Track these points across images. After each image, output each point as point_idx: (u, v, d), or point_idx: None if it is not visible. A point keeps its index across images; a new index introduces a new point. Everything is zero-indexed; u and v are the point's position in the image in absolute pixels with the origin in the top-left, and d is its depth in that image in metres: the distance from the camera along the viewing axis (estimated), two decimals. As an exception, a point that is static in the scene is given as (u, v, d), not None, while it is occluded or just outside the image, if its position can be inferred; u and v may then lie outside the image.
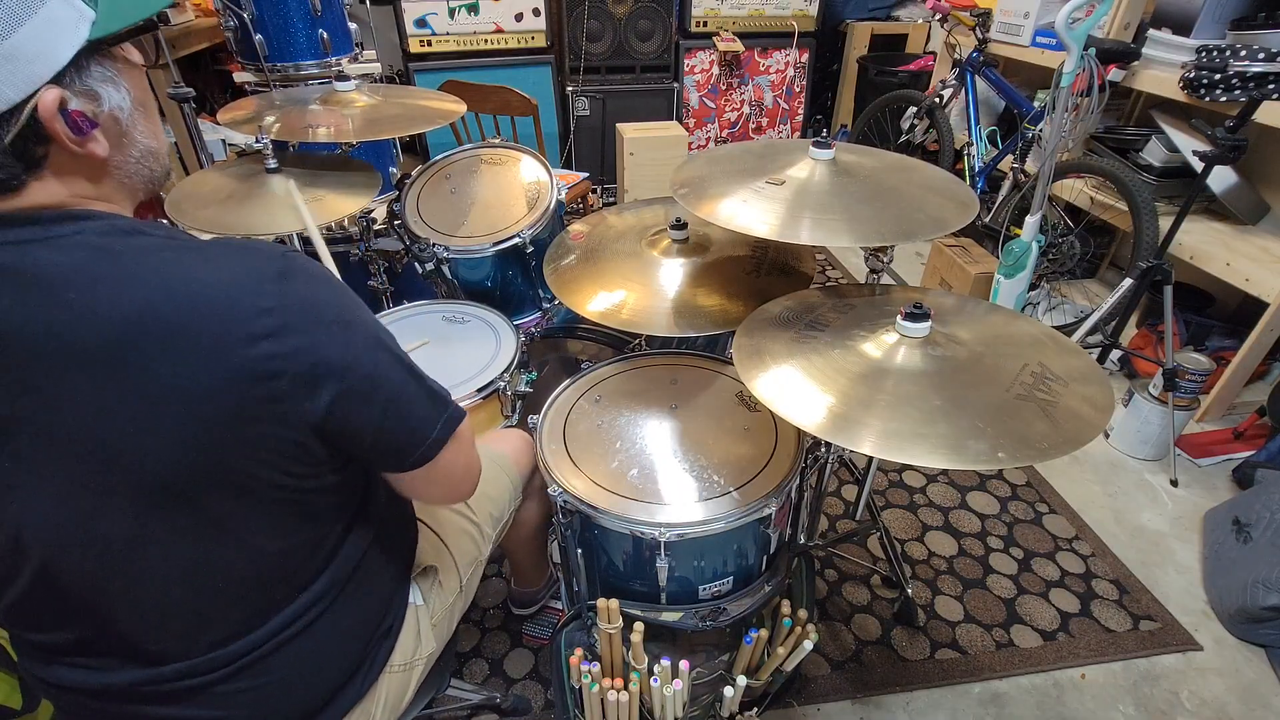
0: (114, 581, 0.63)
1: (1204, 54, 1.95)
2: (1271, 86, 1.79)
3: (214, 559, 0.64)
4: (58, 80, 0.54)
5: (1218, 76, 1.88)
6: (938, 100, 2.87)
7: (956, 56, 2.82)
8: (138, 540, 0.61)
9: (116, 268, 0.55)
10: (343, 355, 0.62)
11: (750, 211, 1.06)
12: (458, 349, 1.41)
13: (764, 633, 1.05)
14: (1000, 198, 2.59)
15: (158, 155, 0.65)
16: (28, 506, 0.58)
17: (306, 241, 1.85)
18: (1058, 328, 1.96)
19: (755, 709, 1.13)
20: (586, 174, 2.71)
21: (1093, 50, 1.87)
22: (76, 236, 0.56)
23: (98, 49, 0.57)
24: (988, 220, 2.60)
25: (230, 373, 0.56)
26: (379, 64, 2.62)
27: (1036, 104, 2.49)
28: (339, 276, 0.91)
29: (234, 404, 0.57)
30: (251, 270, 0.58)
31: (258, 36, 2.19)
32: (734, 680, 1.03)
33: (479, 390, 1.29)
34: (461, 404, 1.31)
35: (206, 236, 1.00)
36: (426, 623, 0.90)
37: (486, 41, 3.14)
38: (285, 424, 0.60)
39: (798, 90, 3.70)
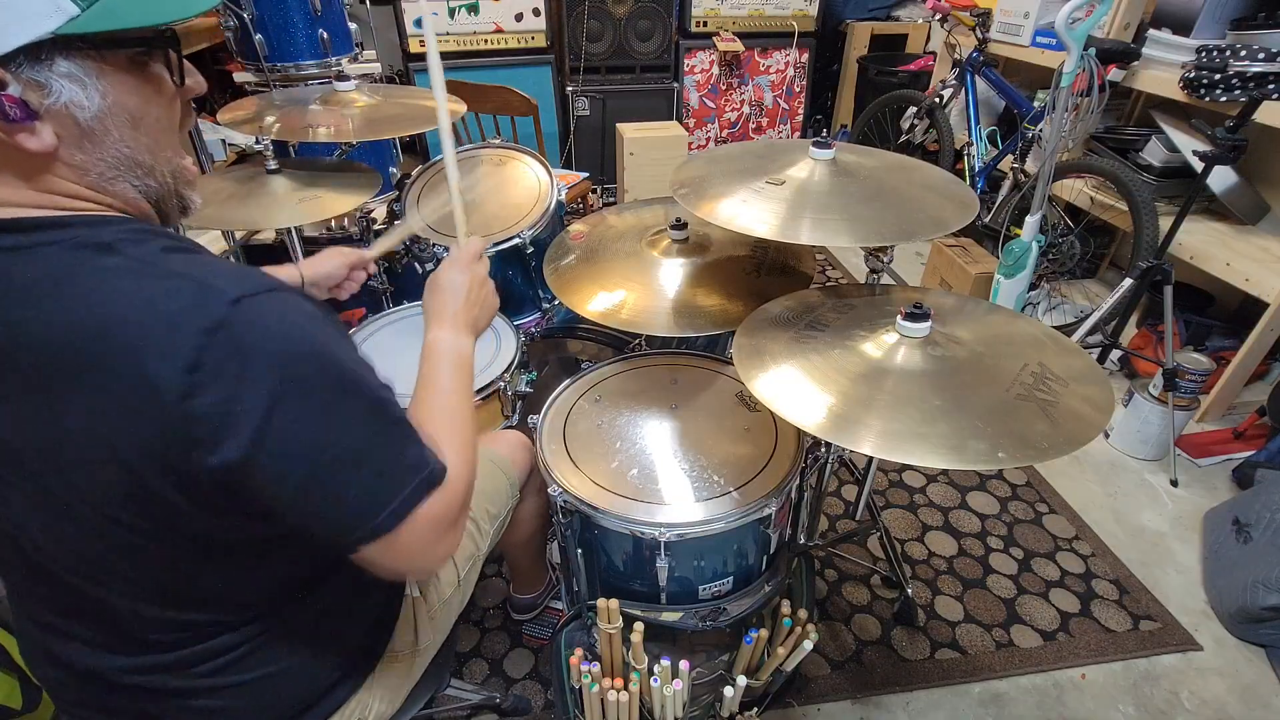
0: (93, 577, 0.64)
1: (1204, 54, 1.95)
2: (1271, 86, 1.79)
3: (181, 575, 0.64)
4: (3, 63, 0.51)
5: (1218, 76, 1.88)
6: (938, 100, 2.87)
7: (956, 56, 2.82)
8: (104, 550, 0.61)
9: (68, 290, 0.54)
10: (264, 425, 0.54)
11: (750, 212, 1.06)
12: (458, 349, 1.41)
13: (764, 633, 1.05)
14: (1000, 198, 2.59)
15: (151, 170, 0.62)
16: (5, 505, 0.60)
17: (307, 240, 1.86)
18: (1058, 328, 1.96)
19: (755, 709, 1.13)
20: (586, 174, 2.71)
21: (1093, 50, 1.87)
22: (47, 248, 0.55)
23: (73, 45, 0.54)
24: (988, 220, 2.60)
25: (139, 417, 0.53)
26: (379, 64, 2.62)
27: (1036, 104, 2.49)
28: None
29: (144, 448, 0.55)
30: (192, 314, 0.53)
31: (258, 36, 2.19)
32: (734, 680, 1.03)
33: (479, 390, 1.29)
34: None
35: (207, 237, 1.00)
36: (424, 615, 0.90)
37: (486, 41, 3.14)
38: (197, 479, 0.56)
39: (798, 90, 3.70)
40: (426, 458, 0.65)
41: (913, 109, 2.98)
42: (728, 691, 1.03)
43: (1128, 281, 1.91)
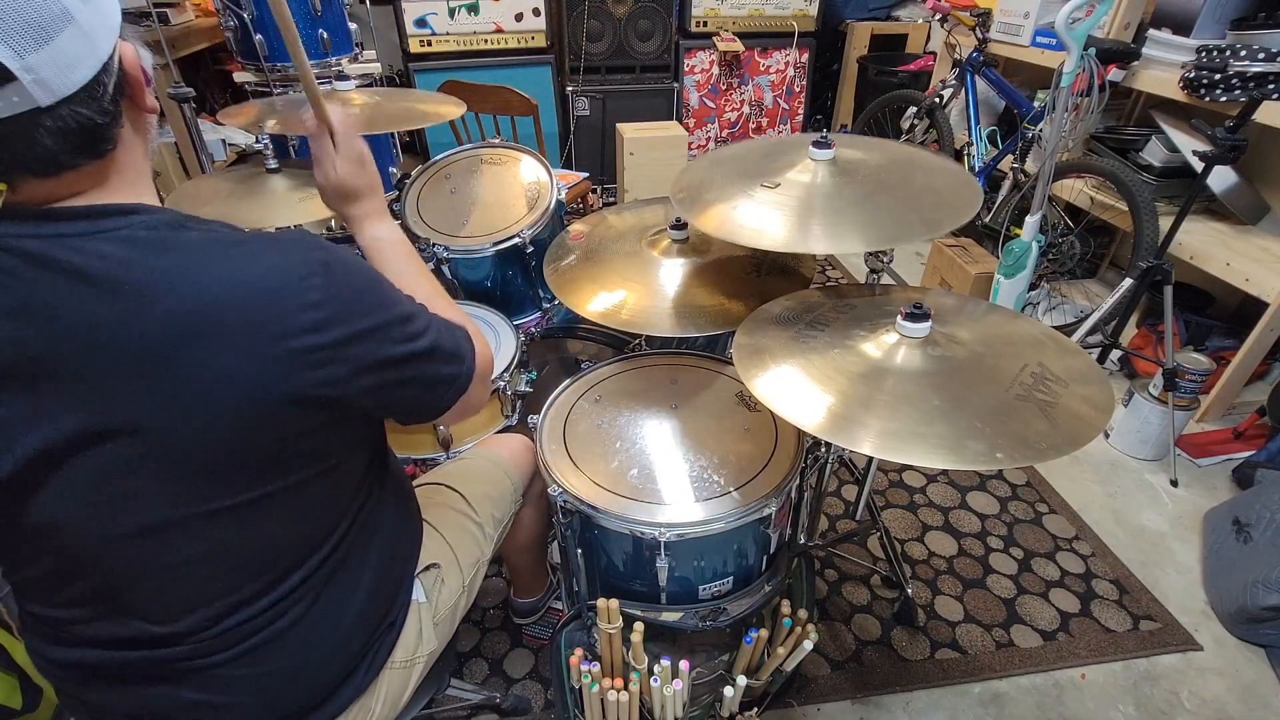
0: (135, 563, 0.64)
1: (1204, 54, 1.95)
2: (1271, 86, 1.79)
3: (234, 541, 0.65)
4: (120, 34, 0.58)
5: (1218, 76, 1.88)
6: (938, 100, 2.87)
7: (956, 56, 2.82)
8: (167, 525, 0.62)
9: (166, 262, 0.57)
10: (381, 342, 0.66)
11: (758, 222, 1.06)
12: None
13: (764, 633, 1.05)
14: (1000, 198, 2.59)
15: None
16: (63, 492, 0.59)
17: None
18: (1058, 328, 1.96)
19: (755, 709, 1.13)
20: (586, 174, 2.71)
21: (1093, 50, 1.87)
22: (125, 230, 0.57)
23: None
24: (988, 220, 2.61)
25: (281, 362, 0.59)
26: (379, 64, 2.62)
27: (1036, 104, 2.49)
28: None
29: (282, 391, 0.59)
30: (297, 264, 0.61)
31: (258, 36, 2.19)
32: (734, 680, 1.03)
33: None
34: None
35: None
36: (429, 620, 0.91)
37: (486, 41, 3.14)
38: (329, 406, 0.63)
39: (798, 90, 3.70)
40: (461, 335, 0.78)
41: (913, 109, 2.98)
42: (728, 691, 1.03)
43: (1128, 281, 1.91)
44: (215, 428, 0.59)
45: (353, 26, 2.41)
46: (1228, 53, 1.87)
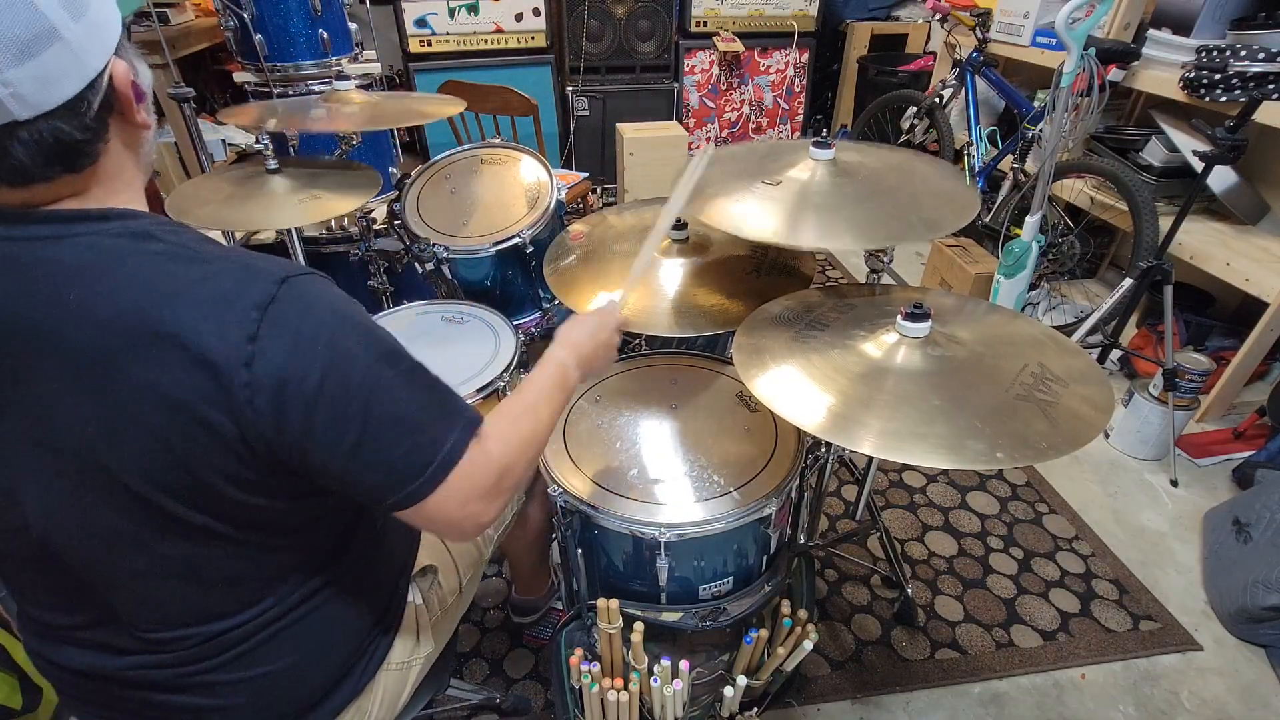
0: (110, 568, 0.64)
1: (1204, 54, 1.95)
2: (1271, 86, 1.79)
3: (200, 557, 0.64)
4: (117, 51, 0.58)
5: (1218, 76, 1.89)
6: (938, 100, 2.87)
7: (956, 56, 2.82)
8: (127, 534, 0.61)
9: (119, 271, 0.56)
10: (318, 391, 0.58)
11: (755, 217, 1.06)
12: (457, 349, 1.41)
13: (764, 633, 1.05)
14: (1000, 198, 2.59)
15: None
16: (27, 491, 0.60)
17: (307, 242, 1.85)
18: (1058, 328, 1.96)
19: (755, 709, 1.13)
20: (586, 174, 2.71)
21: (1093, 50, 1.87)
22: (90, 237, 0.57)
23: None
24: (988, 220, 2.60)
25: (203, 389, 0.56)
26: (379, 64, 2.62)
27: (1036, 104, 2.49)
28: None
29: (201, 420, 0.56)
30: (244, 292, 0.57)
31: (258, 36, 2.19)
32: (734, 680, 1.03)
33: (479, 390, 1.29)
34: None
35: (212, 234, 1.00)
36: (425, 622, 0.91)
37: (486, 41, 3.15)
38: (251, 449, 0.59)
39: (798, 90, 3.70)
40: (460, 415, 0.68)
41: (913, 109, 2.98)
42: (728, 691, 1.03)
43: (1128, 281, 1.91)
44: (142, 447, 0.57)
45: (353, 26, 2.41)
46: (1228, 53, 1.87)
